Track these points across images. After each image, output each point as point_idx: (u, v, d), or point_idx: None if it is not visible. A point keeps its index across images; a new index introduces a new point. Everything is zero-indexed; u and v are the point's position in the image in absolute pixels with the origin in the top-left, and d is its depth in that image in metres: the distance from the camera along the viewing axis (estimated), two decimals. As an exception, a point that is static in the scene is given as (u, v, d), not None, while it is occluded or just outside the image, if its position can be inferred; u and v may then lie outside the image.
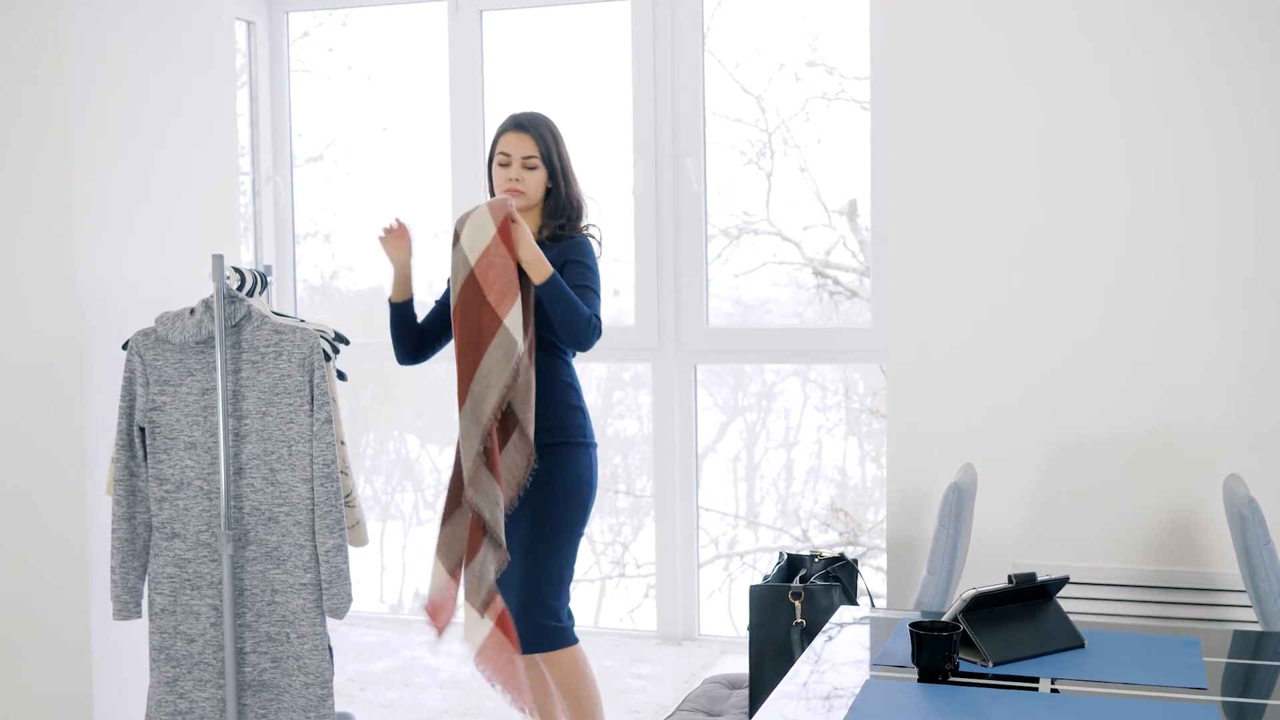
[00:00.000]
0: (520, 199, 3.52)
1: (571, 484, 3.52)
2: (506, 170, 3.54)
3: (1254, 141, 3.52)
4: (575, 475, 3.53)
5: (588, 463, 3.56)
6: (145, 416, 3.43)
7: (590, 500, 3.58)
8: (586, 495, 3.56)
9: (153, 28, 4.16)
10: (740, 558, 5.77)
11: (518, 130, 3.56)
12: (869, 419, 5.74)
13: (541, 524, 3.50)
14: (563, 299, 3.39)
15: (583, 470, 3.55)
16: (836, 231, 5.36)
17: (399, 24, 5.27)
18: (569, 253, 3.53)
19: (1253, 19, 3.51)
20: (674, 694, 4.28)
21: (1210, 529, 3.55)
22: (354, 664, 4.77)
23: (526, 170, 3.53)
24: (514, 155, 3.54)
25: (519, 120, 3.57)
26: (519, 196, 3.51)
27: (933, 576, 3.01)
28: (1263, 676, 2.48)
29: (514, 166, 3.53)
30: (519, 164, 3.53)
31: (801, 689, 2.40)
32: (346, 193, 5.57)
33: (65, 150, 3.87)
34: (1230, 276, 3.55)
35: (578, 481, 3.54)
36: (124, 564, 3.44)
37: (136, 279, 4.06)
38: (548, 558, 3.51)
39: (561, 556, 3.53)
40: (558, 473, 3.50)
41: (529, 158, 3.53)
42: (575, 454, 3.54)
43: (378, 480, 6.36)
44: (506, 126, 3.58)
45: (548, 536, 3.51)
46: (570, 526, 3.54)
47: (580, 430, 3.56)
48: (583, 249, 3.56)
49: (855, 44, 4.88)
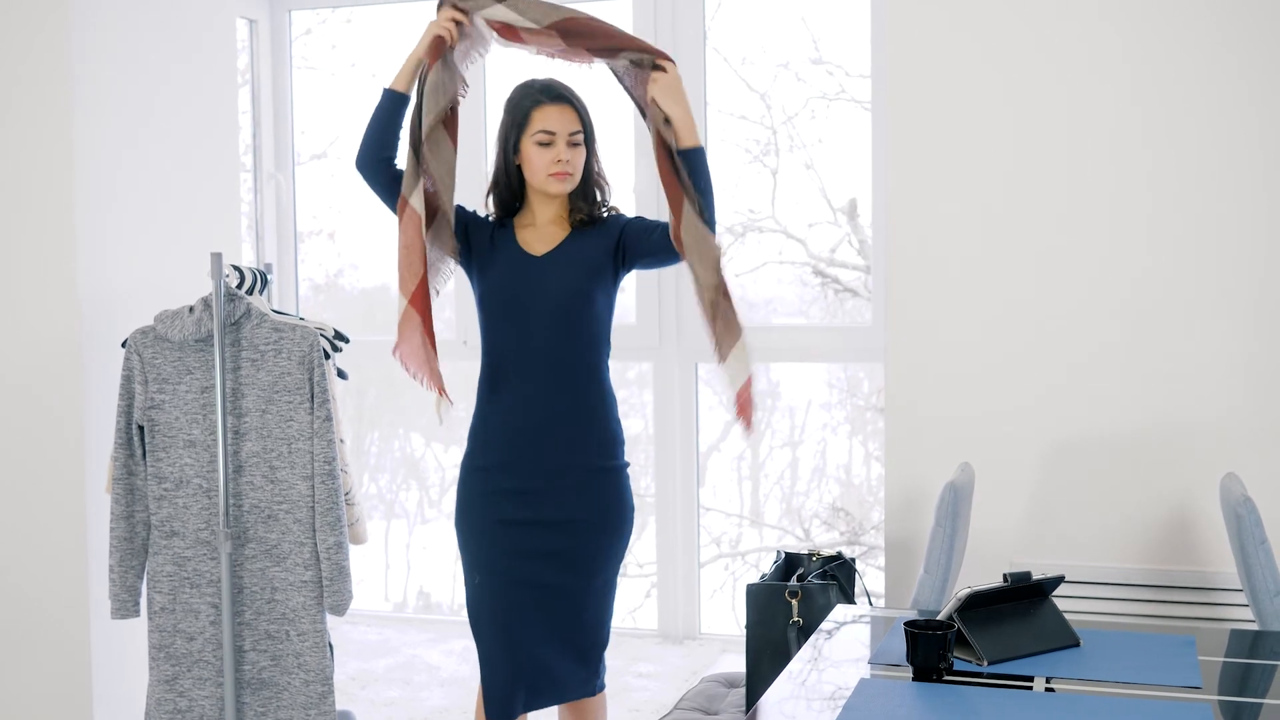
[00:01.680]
0: (568, 182, 3.08)
1: (628, 512, 3.16)
2: (550, 150, 3.04)
3: (1252, 141, 3.52)
4: (627, 503, 3.16)
5: (629, 487, 3.19)
6: (144, 415, 3.43)
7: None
8: (633, 522, 3.20)
9: (155, 26, 4.17)
10: (743, 557, 5.76)
11: (559, 102, 3.06)
12: (874, 417, 5.73)
13: (598, 558, 3.12)
14: (706, 168, 3.08)
15: (629, 497, 3.17)
16: (841, 229, 5.36)
17: (403, 21, 5.27)
18: (618, 222, 3.15)
19: (1250, 18, 3.51)
20: (674, 693, 4.28)
21: (1206, 528, 3.55)
22: (355, 662, 4.78)
23: (573, 148, 3.07)
24: (560, 133, 3.04)
25: (559, 90, 3.08)
26: (567, 180, 3.07)
27: (929, 575, 3.01)
28: (1258, 675, 2.47)
29: (560, 145, 3.05)
30: (565, 142, 3.05)
31: (797, 687, 2.40)
32: (351, 190, 5.56)
33: (67, 148, 3.87)
34: (1227, 276, 3.55)
35: (628, 509, 3.17)
36: (122, 562, 3.44)
37: (138, 277, 4.06)
38: (607, 595, 3.16)
39: (614, 590, 3.20)
40: (613, 501, 3.12)
41: (575, 134, 3.06)
42: (623, 478, 3.16)
43: (382, 478, 6.36)
44: (543, 98, 3.07)
45: (608, 571, 3.15)
46: (622, 556, 3.19)
47: (623, 450, 3.18)
48: (621, 215, 3.20)
49: (857, 44, 4.88)
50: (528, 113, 3.06)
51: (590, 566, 3.11)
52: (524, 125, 3.06)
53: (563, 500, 3.08)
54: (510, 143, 3.09)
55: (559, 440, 3.08)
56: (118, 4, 4.02)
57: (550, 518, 3.08)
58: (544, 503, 3.08)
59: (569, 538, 3.09)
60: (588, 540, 3.10)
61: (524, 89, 3.10)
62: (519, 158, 3.10)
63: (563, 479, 3.08)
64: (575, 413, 3.08)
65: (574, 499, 3.09)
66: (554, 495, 3.08)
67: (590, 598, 3.12)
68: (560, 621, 3.11)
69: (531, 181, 3.09)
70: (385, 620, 5.34)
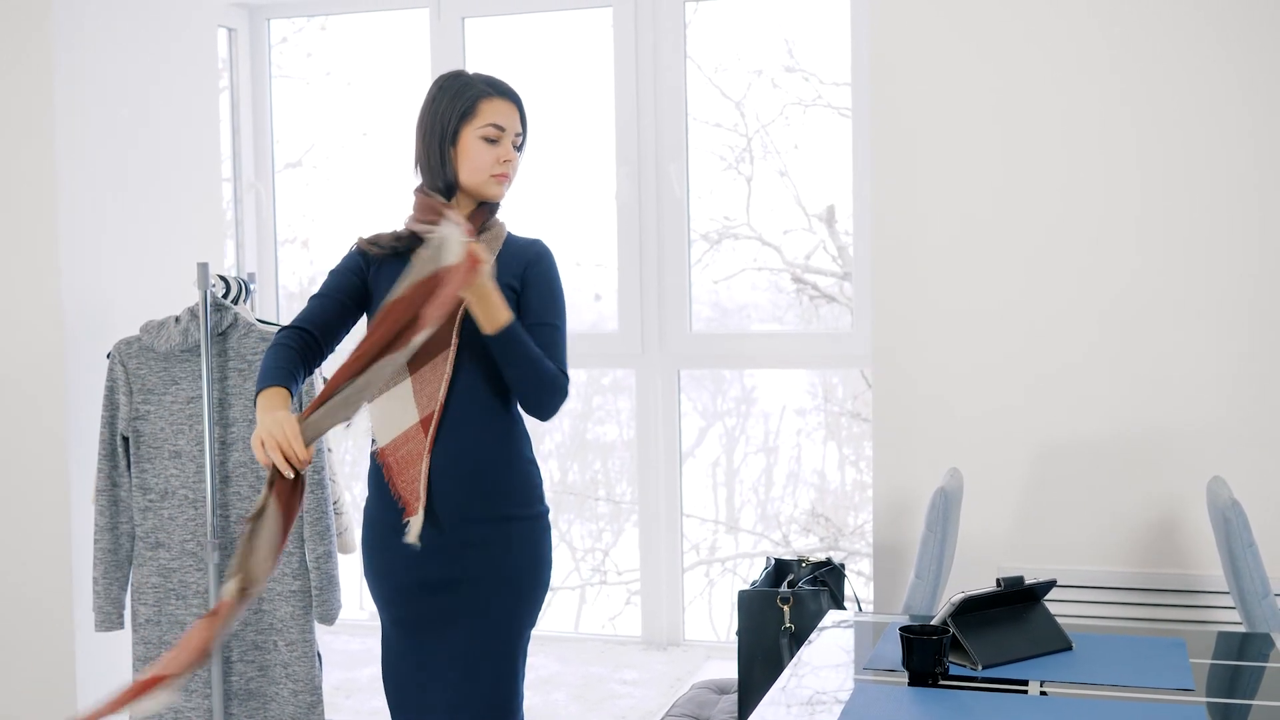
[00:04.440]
0: (507, 186, 2.74)
1: (544, 567, 2.77)
2: (495, 149, 2.69)
3: (1239, 145, 3.54)
4: (544, 557, 2.77)
5: (549, 536, 2.78)
6: (129, 425, 3.42)
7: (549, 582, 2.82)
8: (548, 577, 2.79)
9: (136, 36, 4.15)
10: (721, 563, 5.78)
11: (509, 99, 2.72)
12: (849, 422, 5.76)
13: (502, 615, 2.70)
14: (522, 353, 2.61)
15: (548, 550, 2.78)
16: (816, 236, 5.38)
17: (378, 30, 5.27)
18: (531, 266, 2.74)
19: (1239, 20, 3.53)
20: (660, 699, 4.28)
21: (1193, 531, 3.58)
22: (339, 672, 4.76)
23: (516, 152, 2.73)
24: (508, 130, 2.69)
25: (506, 89, 2.74)
26: (506, 183, 2.73)
27: (920, 580, 3.03)
28: (1247, 677, 2.50)
29: (506, 144, 2.70)
30: (511, 142, 2.71)
31: (792, 694, 2.41)
32: (326, 199, 5.55)
33: (49, 158, 3.86)
34: (1215, 280, 3.58)
35: (545, 564, 2.77)
36: (107, 574, 3.43)
37: (120, 287, 4.05)
38: (513, 663, 2.73)
39: (524, 657, 2.77)
40: (524, 556, 2.71)
41: (519, 136, 2.73)
42: (539, 528, 2.75)
43: (356, 487, 6.34)
44: (491, 91, 2.71)
45: (512, 631, 2.72)
46: (532, 615, 2.76)
47: (540, 496, 2.77)
48: (546, 263, 2.76)
49: (832, 51, 4.91)
50: (475, 102, 2.68)
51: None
52: (469, 114, 2.68)
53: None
54: (449, 130, 2.69)
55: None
56: (99, 13, 4.01)
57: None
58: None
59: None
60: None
61: (464, 76, 2.74)
62: (455, 149, 2.70)
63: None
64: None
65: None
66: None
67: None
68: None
69: (467, 181, 2.70)
70: (368, 629, 5.32)
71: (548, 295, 2.73)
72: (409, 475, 2.66)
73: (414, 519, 2.64)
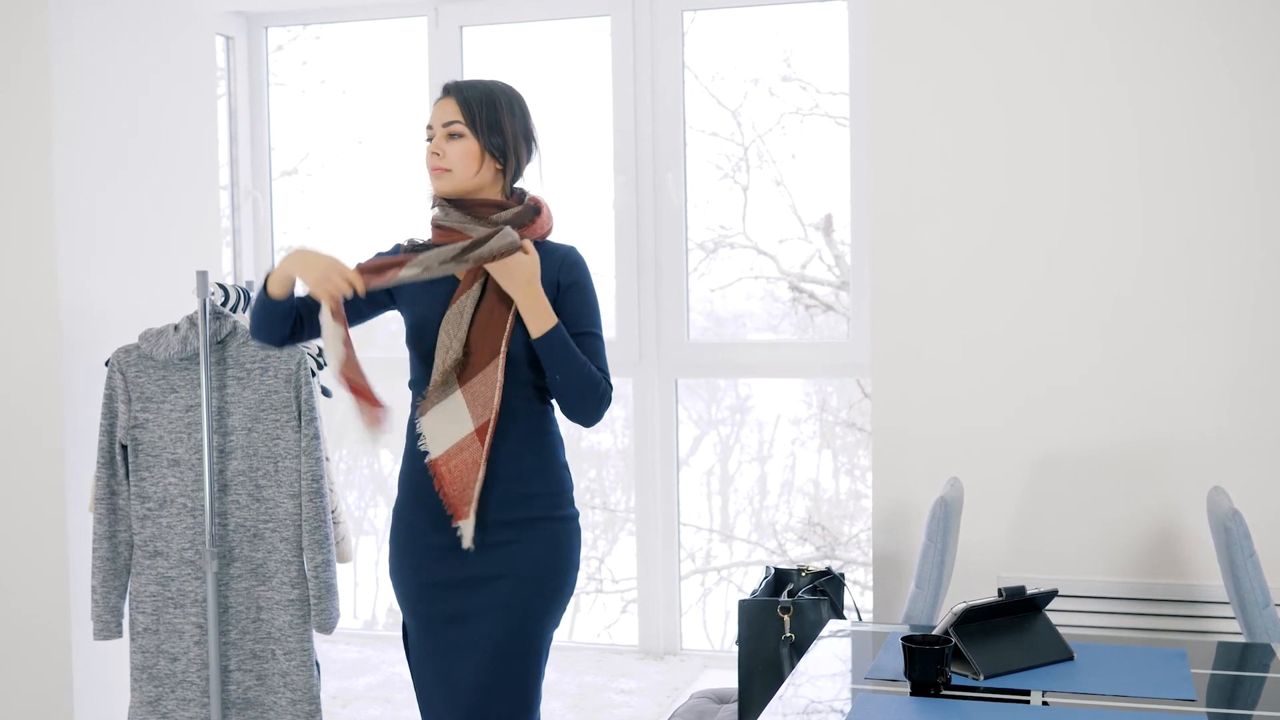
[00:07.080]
0: (446, 179, 2.74)
1: (570, 568, 2.83)
2: (429, 146, 2.77)
3: (1239, 153, 3.55)
4: (571, 559, 2.83)
5: (578, 539, 2.86)
6: (127, 434, 3.41)
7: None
8: (575, 579, 2.86)
9: (134, 44, 4.15)
10: (717, 572, 5.78)
11: (443, 96, 2.78)
12: (844, 431, 5.76)
13: (529, 611, 2.76)
14: (568, 357, 2.70)
15: (575, 552, 2.85)
16: (812, 245, 5.39)
17: (373, 38, 5.27)
18: (565, 272, 2.79)
19: (1239, 24, 3.53)
20: (657, 708, 4.28)
21: (1193, 541, 3.58)
22: (336, 681, 4.75)
23: (450, 140, 2.74)
24: (435, 125, 2.76)
25: (446, 84, 2.80)
26: (442, 175, 2.74)
27: (921, 590, 3.03)
28: (1248, 687, 2.50)
29: (436, 140, 2.75)
30: (441, 134, 2.74)
31: (793, 704, 2.41)
32: (321, 207, 5.55)
33: (47, 166, 3.85)
34: (1215, 290, 3.58)
35: (571, 566, 2.83)
36: (105, 583, 3.42)
37: (119, 295, 4.04)
38: (537, 660, 2.79)
39: (545, 656, 2.83)
40: (552, 555, 2.78)
41: (451, 123, 2.74)
42: (569, 530, 2.83)
43: (351, 495, 6.34)
44: (438, 96, 2.83)
45: (537, 634, 2.78)
46: (557, 614, 2.83)
47: (571, 499, 2.85)
48: (581, 270, 2.81)
49: (829, 60, 4.91)
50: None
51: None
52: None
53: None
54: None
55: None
56: (97, 23, 4.01)
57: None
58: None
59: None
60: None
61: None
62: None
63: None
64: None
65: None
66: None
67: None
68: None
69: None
70: (364, 638, 5.31)
71: (585, 303, 2.79)
72: (463, 482, 2.72)
73: (464, 523, 2.72)
